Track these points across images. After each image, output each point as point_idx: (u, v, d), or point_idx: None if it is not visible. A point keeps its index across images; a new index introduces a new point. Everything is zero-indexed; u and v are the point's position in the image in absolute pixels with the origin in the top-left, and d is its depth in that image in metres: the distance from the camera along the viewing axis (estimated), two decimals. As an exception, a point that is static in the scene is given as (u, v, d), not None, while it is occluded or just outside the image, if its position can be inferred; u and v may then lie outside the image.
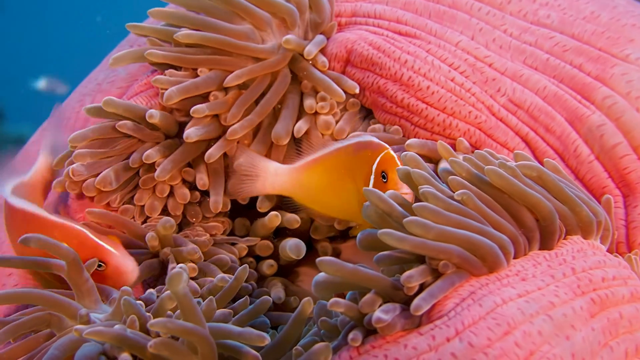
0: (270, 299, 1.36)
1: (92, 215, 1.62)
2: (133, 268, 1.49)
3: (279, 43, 1.66)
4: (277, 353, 1.22)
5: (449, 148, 1.46)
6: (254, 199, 1.67)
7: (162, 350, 1.11)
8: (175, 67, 1.66)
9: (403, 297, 1.08)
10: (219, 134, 1.65)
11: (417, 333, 1.06)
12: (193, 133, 1.60)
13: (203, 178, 1.66)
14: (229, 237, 1.72)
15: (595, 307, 1.09)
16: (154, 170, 1.62)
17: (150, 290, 1.46)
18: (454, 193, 1.17)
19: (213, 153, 1.62)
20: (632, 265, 1.24)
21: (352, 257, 1.69)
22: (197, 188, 1.68)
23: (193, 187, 1.69)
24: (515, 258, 1.15)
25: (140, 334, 1.19)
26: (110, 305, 1.37)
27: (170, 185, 1.67)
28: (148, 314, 1.26)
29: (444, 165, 1.44)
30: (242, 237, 1.73)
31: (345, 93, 1.65)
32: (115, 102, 1.63)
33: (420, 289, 1.07)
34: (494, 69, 1.56)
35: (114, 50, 1.90)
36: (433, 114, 1.58)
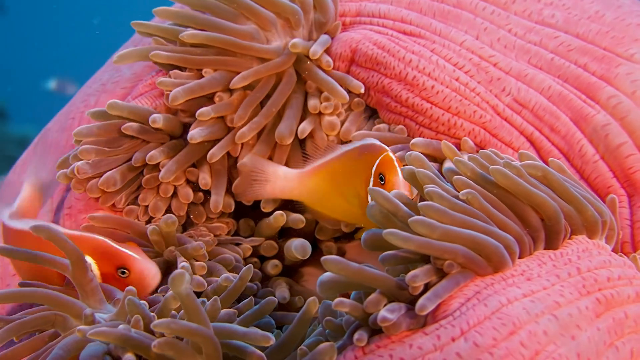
0: (276, 300, 1.36)
1: (94, 220, 1.62)
2: (156, 272, 1.49)
3: (284, 43, 1.66)
4: (281, 353, 1.22)
5: (454, 148, 1.47)
6: (259, 200, 1.67)
7: (166, 350, 1.11)
8: (180, 67, 1.67)
9: (408, 296, 1.08)
10: (223, 135, 1.65)
11: (422, 333, 1.06)
12: (197, 134, 1.61)
13: (205, 178, 1.66)
14: (233, 237, 1.72)
15: (601, 306, 1.09)
16: (158, 171, 1.63)
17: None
18: (459, 193, 1.17)
19: (215, 153, 1.62)
20: (637, 265, 1.24)
21: (357, 257, 1.69)
22: (201, 188, 1.68)
23: (197, 187, 1.69)
24: (521, 258, 1.16)
25: (145, 334, 1.18)
26: (115, 305, 1.37)
27: (174, 186, 1.67)
28: (152, 314, 1.26)
29: (449, 165, 1.44)
30: (246, 237, 1.73)
31: (350, 93, 1.65)
32: (120, 105, 1.63)
33: (425, 289, 1.07)
34: (499, 69, 1.56)
35: (119, 50, 1.90)
36: (438, 114, 1.57)
